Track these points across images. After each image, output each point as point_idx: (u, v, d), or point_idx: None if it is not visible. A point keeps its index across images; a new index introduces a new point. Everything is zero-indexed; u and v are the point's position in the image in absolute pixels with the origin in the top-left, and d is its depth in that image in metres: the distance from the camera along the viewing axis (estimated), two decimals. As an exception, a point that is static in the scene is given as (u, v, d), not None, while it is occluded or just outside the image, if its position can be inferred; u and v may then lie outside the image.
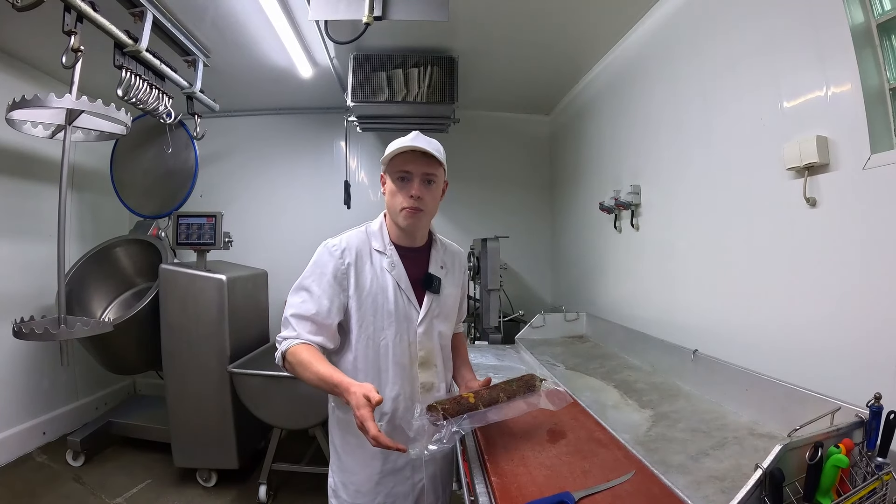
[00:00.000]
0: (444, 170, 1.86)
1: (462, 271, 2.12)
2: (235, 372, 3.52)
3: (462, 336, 2.25)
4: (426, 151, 1.75)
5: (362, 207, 5.28)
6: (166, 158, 4.46)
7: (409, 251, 1.92)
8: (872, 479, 1.19)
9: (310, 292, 1.78)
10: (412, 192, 1.77)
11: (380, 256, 1.86)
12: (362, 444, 1.73)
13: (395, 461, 1.88)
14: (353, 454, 1.89)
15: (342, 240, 1.84)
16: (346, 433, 1.89)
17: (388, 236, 1.91)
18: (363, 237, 1.88)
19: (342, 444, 1.92)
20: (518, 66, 4.48)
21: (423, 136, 1.82)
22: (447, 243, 2.09)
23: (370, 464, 1.87)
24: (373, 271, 1.84)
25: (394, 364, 1.85)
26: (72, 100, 2.83)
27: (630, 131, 3.74)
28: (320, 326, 1.76)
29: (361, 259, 1.83)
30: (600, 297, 4.29)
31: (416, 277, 1.90)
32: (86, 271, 4.33)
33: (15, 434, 4.17)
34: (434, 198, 1.86)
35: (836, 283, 1.92)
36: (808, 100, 2.06)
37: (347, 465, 1.91)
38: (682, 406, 2.34)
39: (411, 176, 1.78)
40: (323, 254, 1.82)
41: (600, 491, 1.44)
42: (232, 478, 3.92)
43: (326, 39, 3.48)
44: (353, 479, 1.89)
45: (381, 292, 1.83)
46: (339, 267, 1.79)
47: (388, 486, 1.88)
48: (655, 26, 3.34)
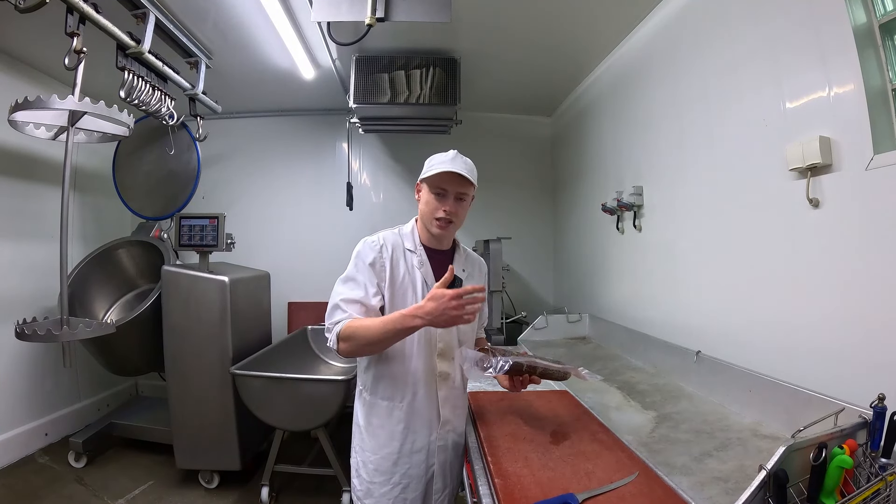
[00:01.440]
0: (474, 187, 2.02)
1: (483, 277, 2.28)
2: (238, 373, 3.52)
3: (483, 340, 2.37)
4: (462, 175, 1.91)
5: (364, 209, 5.30)
6: (168, 160, 4.46)
7: (436, 253, 2.10)
8: (876, 479, 1.19)
9: (355, 281, 1.96)
10: (446, 208, 1.97)
11: (411, 255, 2.05)
12: (384, 425, 2.03)
13: (414, 443, 2.03)
14: (374, 435, 2.04)
15: (380, 237, 2.03)
16: (371, 414, 2.06)
17: (419, 238, 2.09)
18: (397, 237, 2.07)
19: (366, 424, 2.07)
20: (520, 67, 4.48)
21: (461, 157, 1.99)
22: (469, 251, 2.26)
23: (389, 444, 2.02)
24: (405, 267, 2.03)
25: (417, 352, 2.01)
26: (74, 101, 2.83)
27: (632, 132, 3.74)
28: (368, 308, 1.92)
29: (397, 254, 2.02)
30: (603, 299, 4.29)
31: (441, 276, 1.99)
32: (88, 273, 4.34)
33: (17, 435, 4.18)
34: (464, 212, 2.05)
35: (840, 283, 1.92)
36: (811, 100, 2.06)
37: (369, 445, 2.05)
38: (686, 407, 2.34)
39: (447, 193, 1.97)
40: (364, 248, 2.00)
41: (604, 492, 1.44)
42: (234, 479, 3.92)
43: (329, 41, 3.49)
44: (373, 458, 2.03)
45: (410, 286, 2.01)
46: (377, 259, 1.97)
47: (405, 467, 2.02)
48: (657, 28, 3.35)
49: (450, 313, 1.71)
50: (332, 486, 3.70)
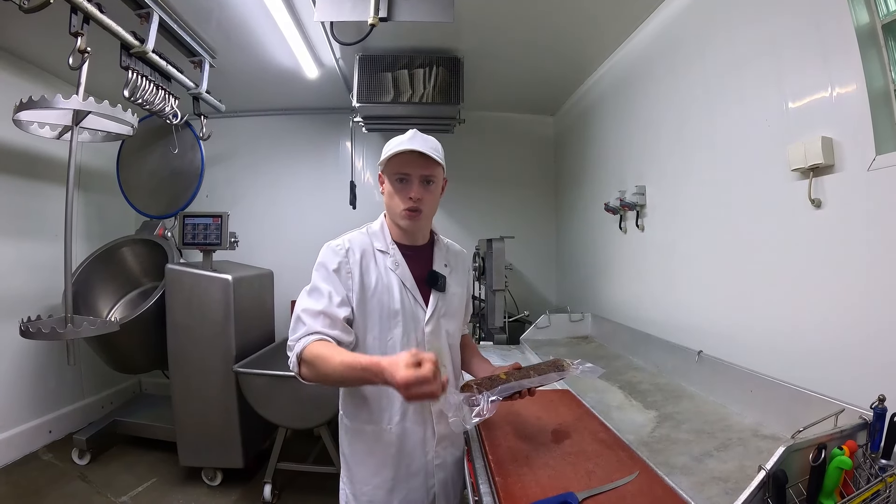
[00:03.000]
0: (442, 169, 1.80)
1: (466, 271, 2.09)
2: (241, 371, 3.53)
3: (468, 336, 2.22)
4: (423, 153, 1.70)
5: (368, 208, 5.29)
6: (172, 159, 4.48)
7: (412, 250, 1.88)
8: (876, 481, 1.19)
9: (319, 290, 1.71)
10: (411, 195, 1.74)
11: (383, 256, 1.82)
12: (372, 452, 1.79)
13: (409, 467, 1.81)
14: (363, 463, 1.83)
15: (345, 240, 1.80)
16: (355, 441, 1.85)
17: (389, 236, 1.87)
18: (365, 237, 1.84)
19: (351, 453, 1.87)
20: (523, 66, 4.48)
21: (421, 135, 1.77)
22: (449, 243, 2.05)
23: (381, 472, 1.80)
24: (377, 271, 1.79)
25: None
26: (79, 101, 2.85)
27: (635, 132, 3.74)
28: (333, 319, 1.67)
29: (366, 259, 1.78)
30: (605, 298, 4.29)
31: (420, 276, 1.86)
32: (92, 271, 4.36)
33: (21, 432, 4.20)
34: (433, 198, 1.82)
35: (842, 284, 1.92)
36: (813, 101, 2.06)
37: (358, 475, 1.84)
38: (687, 407, 2.34)
39: (410, 178, 1.74)
40: (326, 253, 1.77)
41: (604, 492, 1.45)
42: (237, 477, 3.93)
43: (332, 40, 3.49)
44: (364, 489, 1.83)
45: (386, 292, 1.77)
46: (342, 264, 1.74)
47: (402, 493, 1.82)
48: (660, 28, 3.34)
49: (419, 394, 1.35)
50: (334, 484, 3.68)
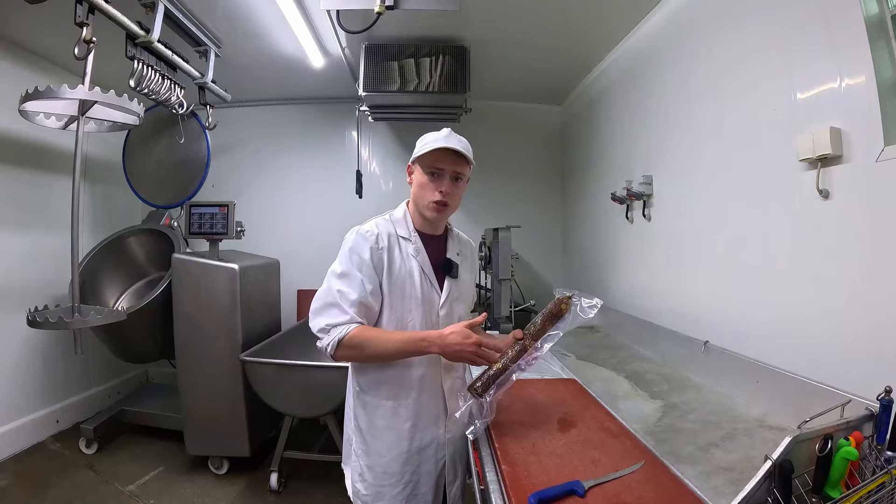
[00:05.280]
0: (471, 167, 1.94)
1: (474, 259, 2.24)
2: (247, 360, 3.55)
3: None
4: (458, 150, 1.82)
5: (374, 197, 5.29)
6: (178, 148, 4.49)
7: (430, 238, 2.01)
8: (882, 472, 1.19)
9: (352, 277, 1.82)
10: (442, 189, 1.86)
11: (405, 243, 1.94)
12: (390, 426, 1.93)
13: (422, 439, 1.95)
14: (380, 437, 1.94)
15: (373, 225, 1.91)
16: (374, 416, 1.95)
17: (412, 224, 1.99)
18: (389, 224, 1.96)
19: (368, 427, 1.96)
20: (530, 55, 4.45)
21: (455, 135, 1.89)
22: (460, 234, 2.18)
23: (398, 445, 1.93)
24: (400, 257, 1.91)
25: None
26: (84, 91, 2.85)
27: (642, 121, 3.72)
28: (368, 309, 1.83)
29: (391, 245, 1.90)
30: (611, 288, 4.28)
31: (435, 263, 1.98)
32: (99, 261, 4.38)
33: (28, 422, 4.24)
34: (459, 193, 1.96)
35: (849, 275, 1.91)
36: (822, 91, 2.04)
37: (374, 448, 1.95)
38: (693, 397, 2.34)
39: (442, 173, 1.87)
40: (358, 240, 1.86)
41: (610, 480, 1.45)
42: (243, 465, 3.97)
43: (338, 29, 3.48)
44: (380, 461, 1.94)
45: (408, 277, 1.90)
46: (374, 251, 1.84)
47: (415, 464, 1.95)
48: (667, 16, 3.31)
49: (464, 354, 1.71)
50: (340, 472, 3.74)
